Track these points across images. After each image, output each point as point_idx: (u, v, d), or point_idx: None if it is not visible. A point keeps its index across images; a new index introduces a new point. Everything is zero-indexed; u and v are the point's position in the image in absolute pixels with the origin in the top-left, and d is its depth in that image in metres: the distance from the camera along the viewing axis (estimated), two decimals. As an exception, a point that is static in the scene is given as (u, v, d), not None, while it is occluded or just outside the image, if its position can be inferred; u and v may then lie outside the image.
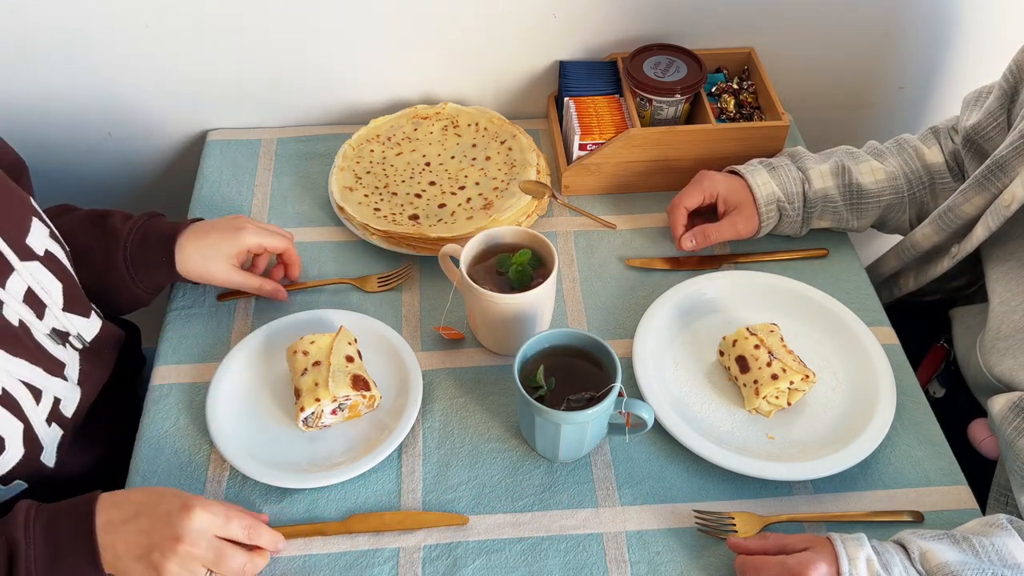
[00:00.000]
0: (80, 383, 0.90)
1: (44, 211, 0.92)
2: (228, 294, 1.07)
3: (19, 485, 0.84)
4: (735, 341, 0.95)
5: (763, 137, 1.15)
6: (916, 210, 1.11)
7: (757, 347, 0.94)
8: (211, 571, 0.76)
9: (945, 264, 1.04)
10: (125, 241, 0.96)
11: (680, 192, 1.11)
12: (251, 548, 0.80)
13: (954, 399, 1.08)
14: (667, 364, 1.00)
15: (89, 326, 0.92)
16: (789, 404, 0.94)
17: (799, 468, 0.88)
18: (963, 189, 0.99)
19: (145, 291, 0.98)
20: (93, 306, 0.93)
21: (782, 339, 0.96)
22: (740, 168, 1.10)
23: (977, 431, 0.99)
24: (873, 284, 1.09)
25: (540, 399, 0.86)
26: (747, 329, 0.96)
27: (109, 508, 0.75)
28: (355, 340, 0.96)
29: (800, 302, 1.04)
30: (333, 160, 1.21)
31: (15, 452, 0.80)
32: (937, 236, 1.04)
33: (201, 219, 1.03)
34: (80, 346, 0.90)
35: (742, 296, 1.05)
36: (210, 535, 0.76)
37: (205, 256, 0.98)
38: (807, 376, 0.93)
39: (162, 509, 0.75)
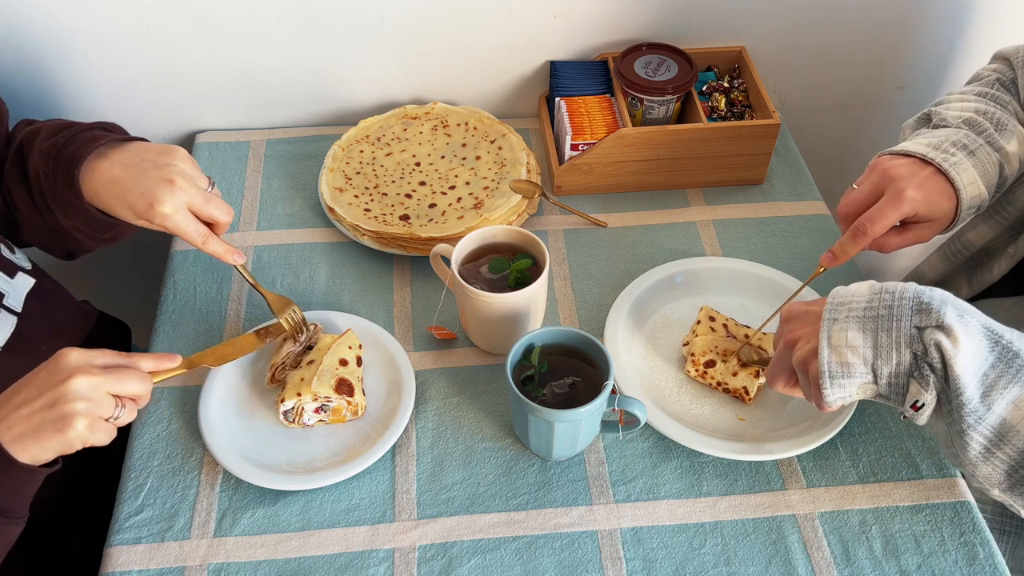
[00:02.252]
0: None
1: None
2: None
3: None
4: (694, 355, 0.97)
5: (754, 135, 1.15)
6: None
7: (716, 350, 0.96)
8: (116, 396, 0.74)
9: (1003, 266, 0.97)
10: (39, 171, 0.86)
11: (865, 207, 0.86)
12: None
13: None
14: (637, 349, 1.01)
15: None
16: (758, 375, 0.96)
17: (783, 446, 0.90)
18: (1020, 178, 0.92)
19: (74, 231, 0.89)
20: (5, 304, 0.90)
21: (724, 325, 0.99)
22: (943, 163, 0.85)
23: None
24: None
25: (530, 378, 0.87)
26: (692, 345, 0.98)
27: None
28: (360, 346, 0.96)
29: (765, 284, 1.06)
30: (323, 161, 1.21)
31: None
32: (992, 232, 0.97)
33: (140, 140, 0.91)
34: None
35: (712, 281, 1.07)
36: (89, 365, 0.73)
37: (109, 205, 0.86)
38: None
39: (41, 374, 0.73)
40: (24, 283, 0.93)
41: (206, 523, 0.87)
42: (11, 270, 0.92)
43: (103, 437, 0.73)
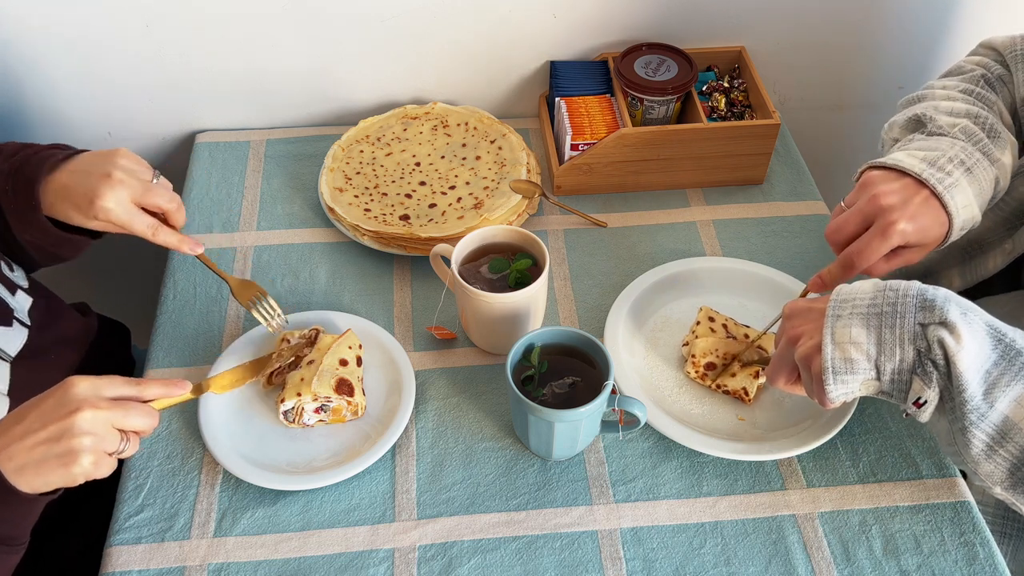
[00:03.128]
0: (10, 394, 0.87)
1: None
2: None
3: None
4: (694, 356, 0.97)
5: (754, 135, 1.15)
6: None
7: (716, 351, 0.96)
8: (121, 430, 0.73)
9: (998, 261, 0.96)
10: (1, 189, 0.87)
11: (853, 235, 0.84)
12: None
13: None
14: (637, 349, 1.01)
15: (10, 337, 0.89)
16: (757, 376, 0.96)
17: (783, 446, 0.90)
18: (1018, 171, 0.90)
19: (30, 246, 0.89)
20: (16, 316, 0.90)
21: (724, 325, 0.99)
22: (937, 185, 0.82)
23: None
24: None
25: (530, 378, 0.87)
26: (692, 345, 0.98)
27: None
28: (360, 346, 0.96)
29: (765, 284, 1.06)
30: (323, 161, 1.21)
31: None
32: (987, 222, 0.96)
33: (81, 152, 0.91)
34: (7, 360, 0.88)
35: (712, 281, 1.07)
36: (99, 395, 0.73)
37: (61, 212, 0.86)
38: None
39: (47, 404, 0.72)
40: (23, 302, 0.94)
41: (206, 523, 0.87)
42: (12, 288, 0.93)
43: (105, 471, 0.73)
